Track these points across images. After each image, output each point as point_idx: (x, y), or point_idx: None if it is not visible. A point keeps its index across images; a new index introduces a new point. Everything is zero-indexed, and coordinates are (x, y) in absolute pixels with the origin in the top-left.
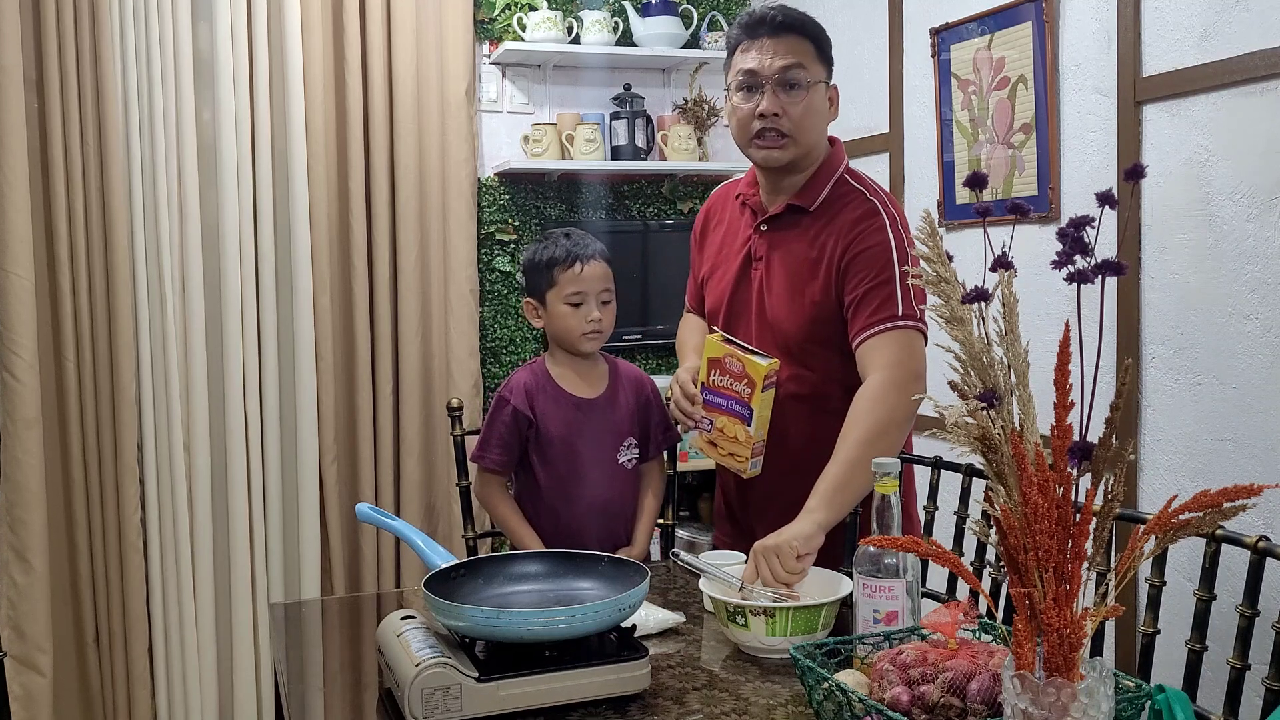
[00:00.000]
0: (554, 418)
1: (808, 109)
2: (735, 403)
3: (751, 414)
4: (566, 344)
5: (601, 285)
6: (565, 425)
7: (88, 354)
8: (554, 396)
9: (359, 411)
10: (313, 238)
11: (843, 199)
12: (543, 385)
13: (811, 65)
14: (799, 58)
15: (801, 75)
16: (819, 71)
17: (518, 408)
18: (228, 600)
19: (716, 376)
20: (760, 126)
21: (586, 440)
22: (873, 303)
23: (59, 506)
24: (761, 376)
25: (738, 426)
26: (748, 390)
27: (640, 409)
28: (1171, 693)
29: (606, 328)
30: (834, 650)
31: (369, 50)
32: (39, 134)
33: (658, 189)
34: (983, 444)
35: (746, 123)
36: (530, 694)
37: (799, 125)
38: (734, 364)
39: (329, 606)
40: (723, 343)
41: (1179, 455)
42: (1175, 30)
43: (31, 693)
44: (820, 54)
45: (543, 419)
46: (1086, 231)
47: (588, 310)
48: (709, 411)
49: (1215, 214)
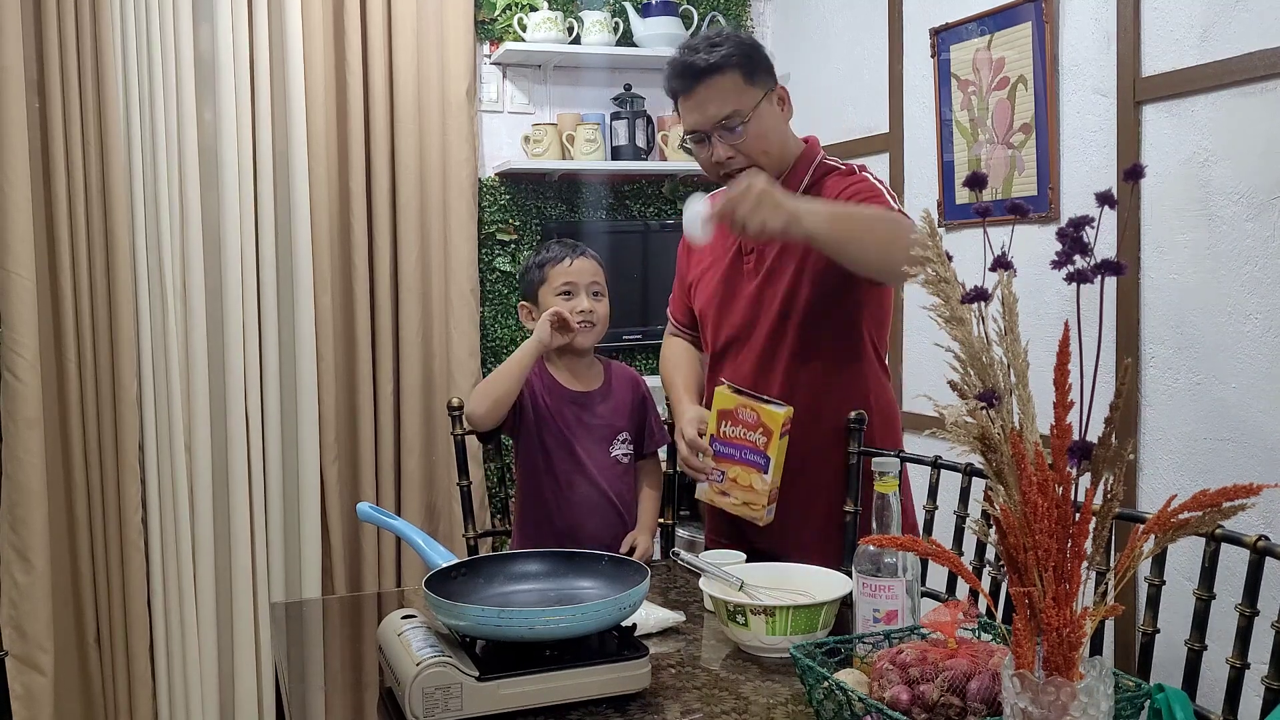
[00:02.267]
0: (548, 406)
1: (757, 136)
2: (749, 451)
3: (769, 462)
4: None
5: (591, 278)
6: (558, 414)
7: (89, 353)
8: (549, 387)
9: (360, 411)
10: (313, 238)
11: (825, 178)
12: (540, 375)
13: (744, 95)
14: (728, 102)
15: (736, 118)
16: (753, 95)
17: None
18: (229, 600)
19: (728, 427)
20: (723, 171)
21: (579, 432)
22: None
23: (60, 506)
24: (779, 424)
25: (753, 475)
26: (764, 439)
27: (635, 406)
28: (1171, 692)
29: (599, 320)
30: (834, 649)
31: (370, 51)
32: (40, 134)
33: (658, 189)
34: (982, 443)
35: (710, 168)
36: (530, 693)
37: (754, 154)
38: (748, 414)
39: (330, 606)
40: (733, 393)
41: (1178, 455)
42: (1175, 30)
43: (33, 692)
44: (751, 73)
45: (538, 405)
46: (1086, 231)
47: (578, 301)
48: (720, 463)
49: (1215, 214)
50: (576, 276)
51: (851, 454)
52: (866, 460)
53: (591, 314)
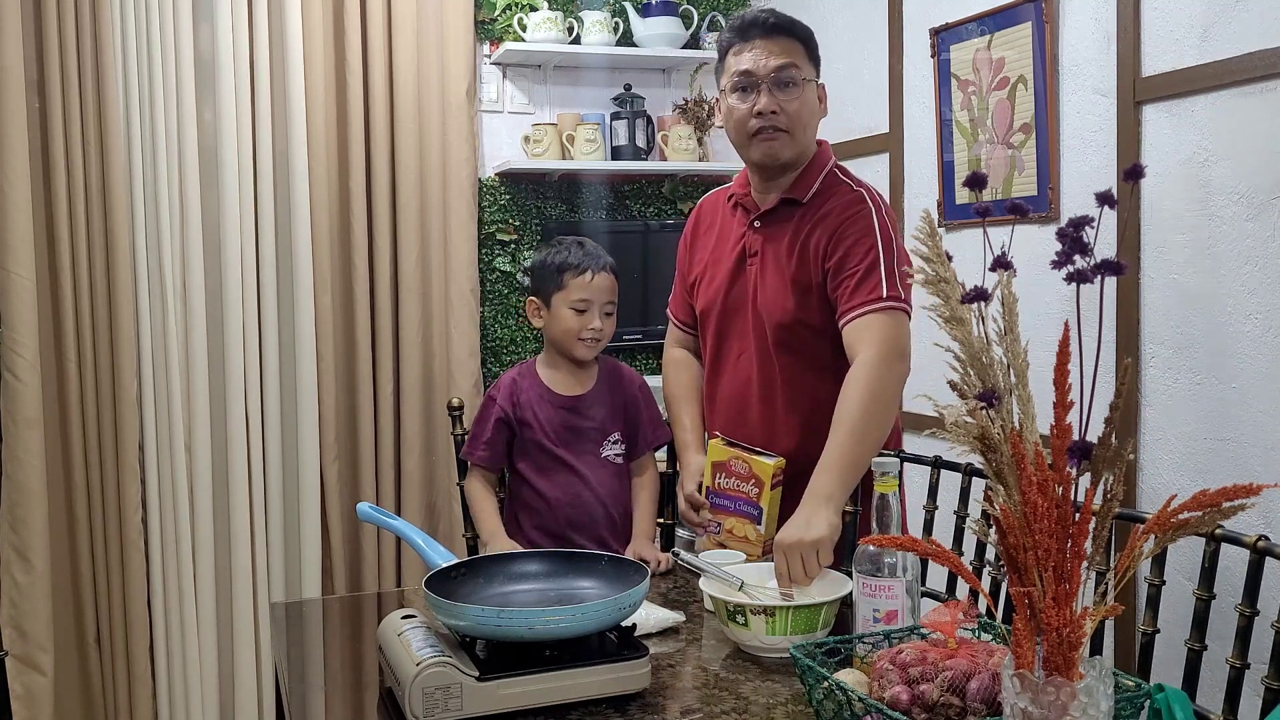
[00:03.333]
0: (538, 414)
1: (803, 105)
2: (743, 503)
3: (761, 513)
4: (563, 348)
5: (607, 297)
6: (548, 421)
7: (89, 353)
8: (539, 394)
9: (360, 411)
10: (313, 238)
11: (832, 189)
12: (529, 383)
13: (804, 65)
14: (792, 58)
15: (795, 74)
16: (810, 71)
17: (502, 406)
18: (229, 600)
19: (722, 479)
20: (759, 125)
21: (569, 435)
22: (859, 285)
23: (60, 506)
24: (769, 475)
25: (747, 526)
26: (755, 490)
27: (628, 405)
28: (1171, 692)
29: (605, 338)
30: (834, 649)
31: (370, 51)
32: (40, 134)
33: (658, 189)
34: (982, 443)
35: (744, 121)
36: (530, 693)
37: (795, 121)
38: (739, 465)
39: (330, 606)
40: (726, 446)
41: (1178, 455)
42: (1175, 30)
43: (33, 692)
44: (810, 55)
45: (525, 415)
46: (1086, 231)
47: (590, 319)
48: (716, 514)
49: (1215, 214)
50: (594, 295)
51: None
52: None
53: (600, 332)
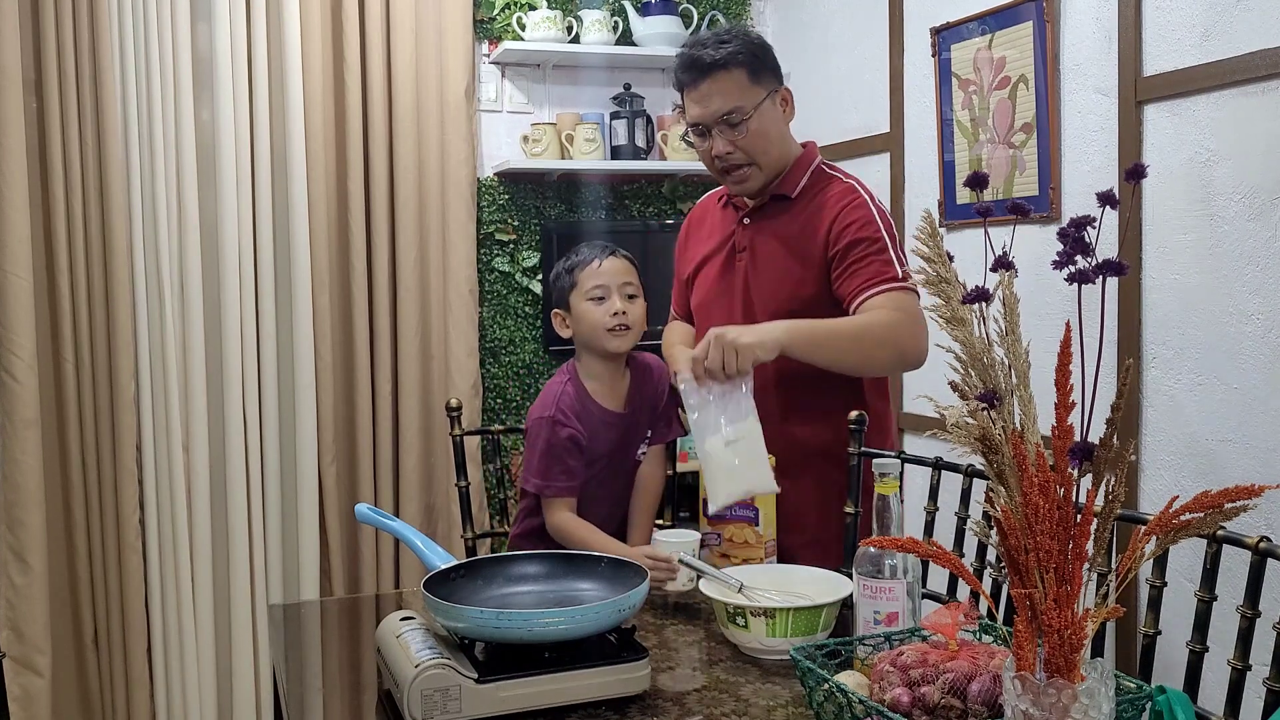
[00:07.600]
0: (599, 434)
1: (757, 134)
2: (738, 508)
3: (757, 513)
4: (595, 345)
5: (623, 278)
6: (607, 442)
7: (86, 354)
8: (592, 411)
9: (358, 412)
10: (311, 238)
11: (821, 183)
12: (583, 403)
13: (748, 93)
14: (733, 98)
15: (738, 113)
16: (757, 93)
17: (573, 429)
18: (226, 601)
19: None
20: (722, 165)
21: (609, 450)
22: (870, 267)
23: (58, 507)
24: None
25: (746, 530)
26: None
27: (656, 397)
28: (1172, 694)
29: (635, 323)
30: (834, 651)
31: (368, 50)
32: (38, 135)
33: (658, 189)
34: (983, 445)
35: (710, 162)
36: (530, 695)
37: (755, 150)
38: None
39: (328, 607)
40: None
41: (1180, 456)
42: (1176, 30)
43: (30, 693)
44: (755, 74)
45: (590, 433)
46: (1087, 232)
47: (610, 304)
48: (714, 525)
49: (1216, 214)
50: (607, 278)
51: (852, 455)
52: (866, 461)
53: (626, 316)
